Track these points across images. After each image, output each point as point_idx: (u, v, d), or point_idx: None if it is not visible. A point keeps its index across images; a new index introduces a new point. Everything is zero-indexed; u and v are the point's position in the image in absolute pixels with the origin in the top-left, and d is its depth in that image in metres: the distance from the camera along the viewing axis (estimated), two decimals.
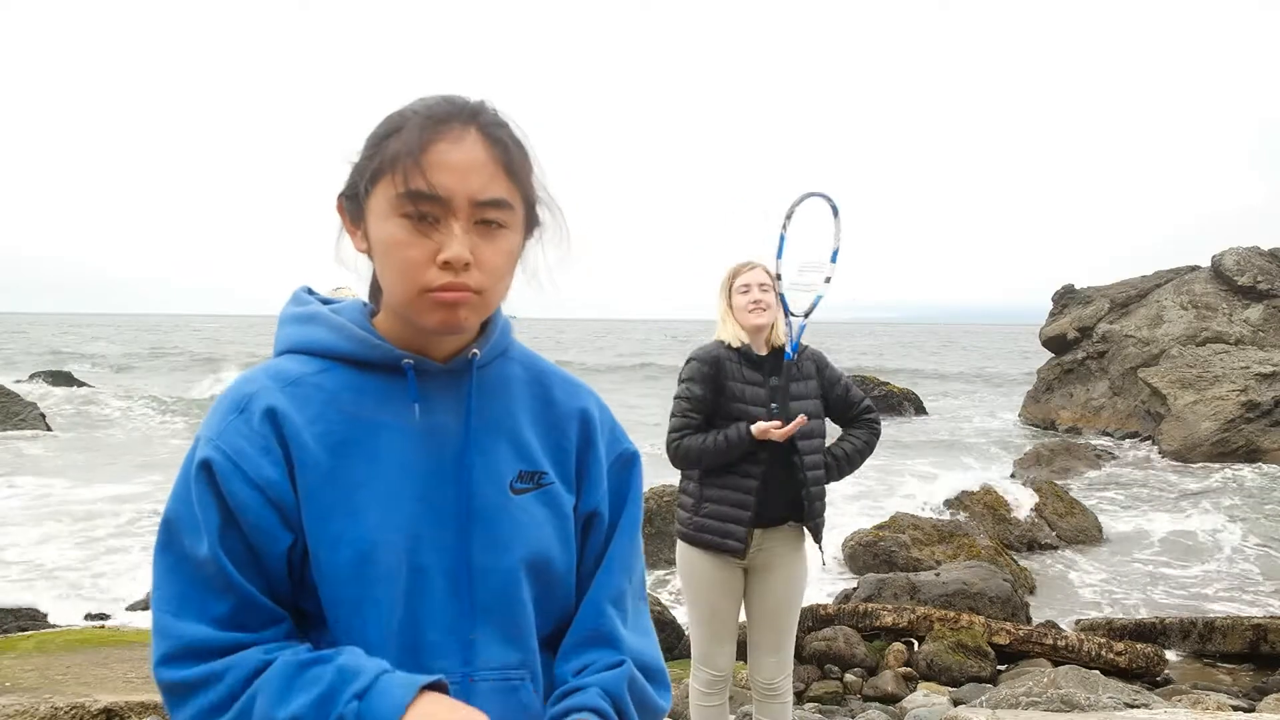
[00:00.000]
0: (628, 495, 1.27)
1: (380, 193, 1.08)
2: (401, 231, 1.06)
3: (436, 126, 1.07)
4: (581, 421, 1.24)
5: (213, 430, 1.10)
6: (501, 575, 1.13)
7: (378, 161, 1.08)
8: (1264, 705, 5.05)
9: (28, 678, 3.87)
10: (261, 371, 1.15)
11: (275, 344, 1.20)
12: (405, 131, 1.07)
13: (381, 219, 1.08)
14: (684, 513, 3.42)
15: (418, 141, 1.06)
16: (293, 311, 1.21)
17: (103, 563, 8.70)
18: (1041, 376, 20.90)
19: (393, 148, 1.07)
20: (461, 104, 1.09)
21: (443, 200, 1.05)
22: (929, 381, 33.83)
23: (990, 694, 5.08)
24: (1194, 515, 11.50)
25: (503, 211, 1.08)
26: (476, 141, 1.07)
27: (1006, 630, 6.10)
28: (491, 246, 1.08)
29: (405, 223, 1.06)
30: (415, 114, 1.09)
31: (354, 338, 1.14)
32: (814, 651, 5.99)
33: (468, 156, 1.06)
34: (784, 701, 3.48)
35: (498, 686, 1.12)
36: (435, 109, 1.08)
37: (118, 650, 4.53)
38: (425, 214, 1.05)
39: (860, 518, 10.31)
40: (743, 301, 3.40)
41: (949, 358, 56.37)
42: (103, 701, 3.51)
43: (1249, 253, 18.91)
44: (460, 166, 1.05)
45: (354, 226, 1.14)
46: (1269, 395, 15.91)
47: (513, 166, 1.09)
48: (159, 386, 32.83)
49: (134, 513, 10.68)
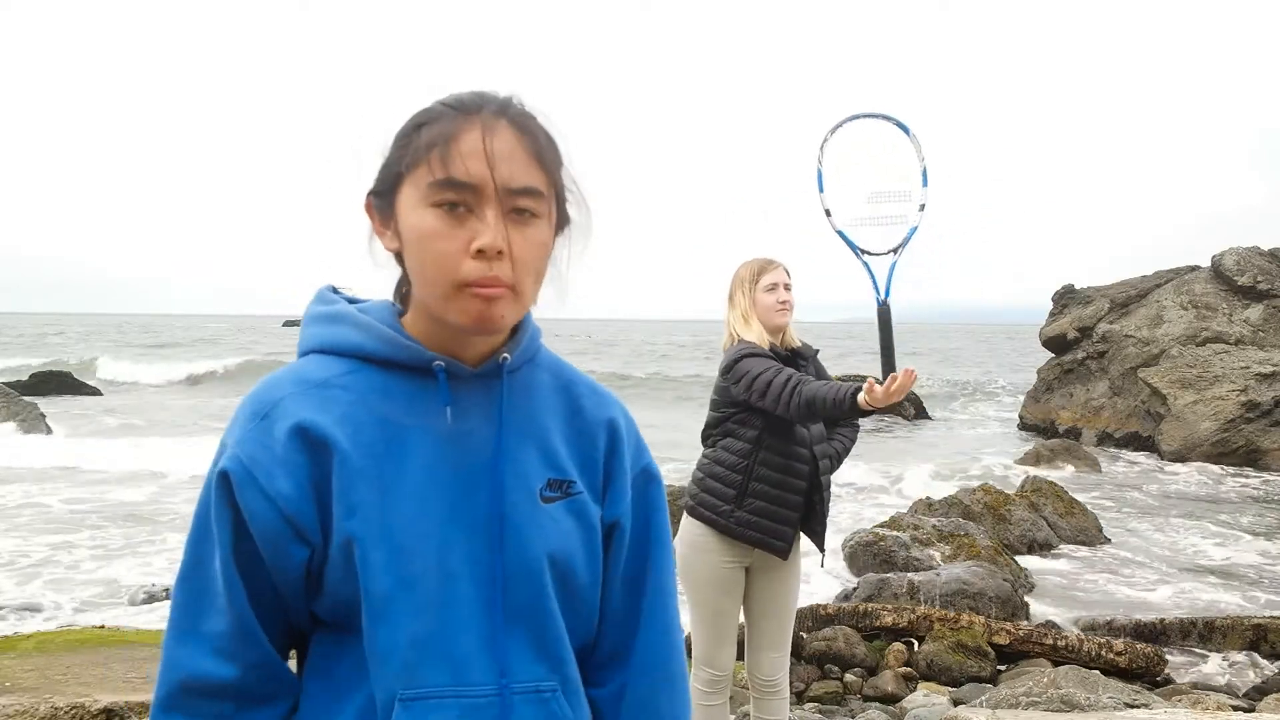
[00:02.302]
0: (653, 514, 1.25)
1: (411, 185, 1.07)
2: (435, 221, 1.05)
3: (468, 116, 1.07)
4: (609, 432, 1.22)
5: (233, 438, 1.08)
6: (533, 585, 1.11)
7: (410, 154, 1.07)
8: (1264, 705, 5.05)
9: (28, 678, 3.87)
10: (286, 375, 1.12)
11: (300, 343, 1.18)
12: (437, 123, 1.07)
13: (413, 211, 1.06)
14: (721, 504, 3.29)
15: (450, 130, 1.06)
16: (318, 310, 1.18)
17: (102, 562, 8.71)
18: (1041, 376, 20.90)
19: (424, 138, 1.06)
20: (491, 96, 1.09)
21: (475, 187, 1.04)
22: (929, 381, 33.83)
23: (990, 694, 5.08)
24: (1194, 515, 11.51)
25: (535, 200, 1.07)
26: (508, 130, 1.07)
27: (1006, 630, 6.09)
28: (524, 237, 1.06)
29: (438, 212, 1.05)
30: (445, 106, 1.09)
31: (383, 337, 1.12)
32: (814, 651, 5.99)
33: (500, 144, 1.06)
34: (782, 697, 3.49)
35: (530, 699, 1.10)
36: (466, 101, 1.09)
37: (118, 650, 4.53)
38: (458, 203, 1.04)
39: (860, 518, 10.32)
40: (770, 300, 3.32)
41: (949, 358, 56.36)
42: (103, 701, 3.51)
43: (1249, 253, 18.90)
44: (493, 154, 1.05)
45: (383, 226, 1.12)
46: (1269, 395, 15.91)
47: (543, 156, 1.09)
48: (159, 386, 32.84)
49: (134, 512, 10.70)
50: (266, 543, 1.06)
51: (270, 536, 1.05)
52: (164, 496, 11.34)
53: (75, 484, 12.42)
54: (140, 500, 11.30)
